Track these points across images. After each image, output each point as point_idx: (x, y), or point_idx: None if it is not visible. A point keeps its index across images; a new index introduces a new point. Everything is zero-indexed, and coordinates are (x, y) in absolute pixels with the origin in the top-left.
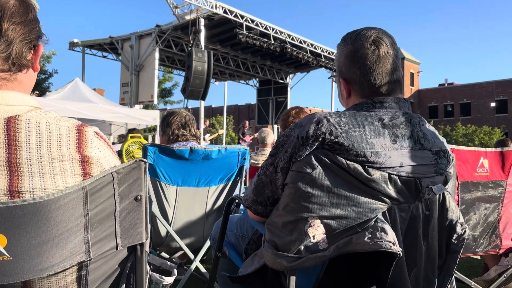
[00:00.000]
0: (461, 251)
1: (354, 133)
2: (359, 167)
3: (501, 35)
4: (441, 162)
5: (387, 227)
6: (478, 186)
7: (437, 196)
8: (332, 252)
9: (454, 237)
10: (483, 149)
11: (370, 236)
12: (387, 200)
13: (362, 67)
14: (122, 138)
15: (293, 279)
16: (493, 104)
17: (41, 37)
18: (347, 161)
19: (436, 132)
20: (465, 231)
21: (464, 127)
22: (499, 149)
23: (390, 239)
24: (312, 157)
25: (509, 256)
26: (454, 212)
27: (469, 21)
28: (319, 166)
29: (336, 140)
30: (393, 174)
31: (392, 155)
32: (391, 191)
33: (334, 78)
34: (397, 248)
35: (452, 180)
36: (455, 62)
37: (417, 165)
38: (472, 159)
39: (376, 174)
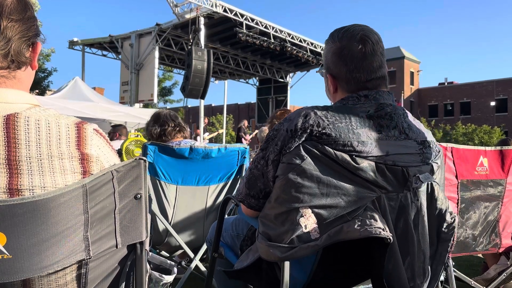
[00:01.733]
0: (452, 239)
1: (340, 124)
2: (347, 157)
3: (501, 34)
4: (426, 151)
5: (377, 214)
6: (478, 185)
7: (425, 186)
8: (324, 241)
9: (444, 226)
10: (482, 148)
11: (360, 223)
12: (375, 188)
13: (349, 64)
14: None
15: (287, 270)
16: (493, 103)
17: (39, 35)
18: (335, 151)
19: (421, 124)
20: (454, 219)
21: (464, 126)
22: (498, 147)
23: (380, 226)
24: (301, 149)
25: (510, 255)
26: (443, 201)
27: (469, 20)
28: (308, 157)
29: (324, 131)
30: (380, 163)
31: (378, 144)
32: (379, 179)
33: (322, 73)
34: (387, 234)
35: (441, 172)
36: (455, 61)
37: (403, 154)
38: (472, 158)
39: (363, 163)
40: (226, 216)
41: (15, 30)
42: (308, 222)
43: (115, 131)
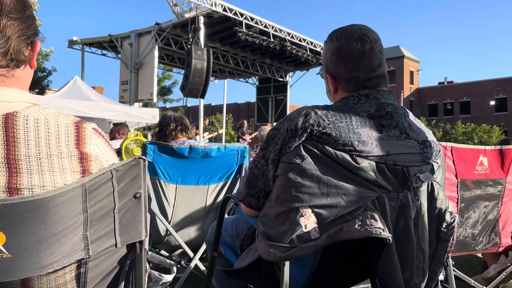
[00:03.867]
0: (451, 239)
1: (341, 123)
2: (347, 156)
3: (501, 34)
4: (427, 151)
5: (377, 214)
6: (477, 184)
7: (426, 185)
8: (324, 241)
9: (444, 226)
10: (482, 147)
11: (360, 223)
12: (375, 188)
13: (348, 63)
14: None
15: (287, 270)
16: (492, 103)
17: (38, 33)
18: (335, 151)
19: (422, 124)
20: (454, 219)
21: (463, 126)
22: (498, 147)
23: (380, 226)
24: (301, 148)
25: (509, 254)
26: (443, 201)
27: (469, 20)
28: (308, 156)
29: (324, 130)
30: (380, 163)
31: (379, 144)
32: (379, 179)
33: (321, 75)
34: (387, 234)
35: (441, 171)
36: (454, 61)
37: (403, 154)
38: (472, 157)
39: (364, 163)
40: (226, 215)
41: (14, 29)
42: (308, 221)
43: (117, 129)
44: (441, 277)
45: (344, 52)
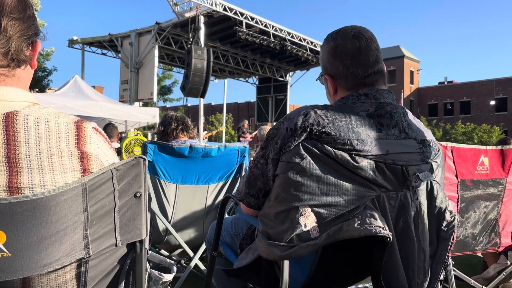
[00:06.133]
0: (451, 238)
1: (340, 123)
2: (347, 156)
3: (501, 33)
4: (426, 150)
5: (376, 213)
6: (478, 184)
7: (425, 184)
8: (324, 240)
9: (444, 225)
10: (483, 147)
11: (359, 222)
12: (375, 187)
13: (345, 59)
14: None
15: (286, 269)
16: (492, 102)
17: (38, 33)
18: (335, 150)
19: (421, 124)
20: (454, 218)
21: (463, 126)
22: (499, 147)
23: (380, 224)
24: (301, 147)
25: (509, 254)
26: (443, 200)
27: (469, 19)
28: (307, 155)
29: (323, 130)
30: (379, 162)
31: (378, 143)
32: (378, 178)
33: (321, 79)
34: (387, 232)
35: (440, 170)
36: (455, 60)
37: (402, 153)
38: (473, 157)
39: (363, 162)
40: (226, 215)
41: (15, 29)
42: (307, 221)
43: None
44: (441, 277)
45: (340, 50)
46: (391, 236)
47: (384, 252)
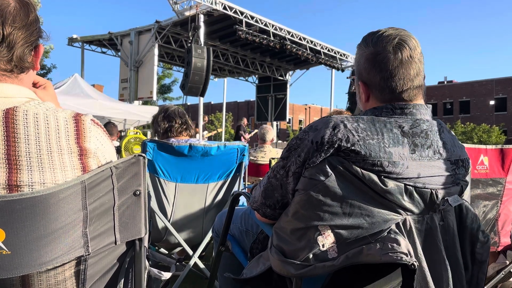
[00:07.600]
0: (487, 260)
1: (372, 141)
2: (375, 177)
3: (501, 33)
4: (459, 172)
5: (401, 238)
6: (477, 183)
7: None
8: (342, 262)
9: (478, 246)
10: (483, 146)
11: (381, 247)
12: (401, 211)
13: (383, 71)
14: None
15: (299, 285)
16: (492, 102)
17: (41, 36)
18: (363, 171)
19: (456, 139)
20: (488, 238)
21: (463, 125)
22: (499, 146)
23: (404, 250)
24: (326, 164)
25: (508, 253)
26: (473, 220)
27: (469, 19)
28: (333, 174)
29: (353, 148)
30: (409, 185)
31: (410, 165)
32: (406, 202)
33: (352, 80)
34: (411, 259)
35: (468, 187)
36: (454, 60)
37: (434, 176)
38: (472, 156)
39: (391, 184)
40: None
41: (18, 37)
42: (326, 241)
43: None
44: None
45: (380, 59)
46: (415, 263)
47: (413, 280)
